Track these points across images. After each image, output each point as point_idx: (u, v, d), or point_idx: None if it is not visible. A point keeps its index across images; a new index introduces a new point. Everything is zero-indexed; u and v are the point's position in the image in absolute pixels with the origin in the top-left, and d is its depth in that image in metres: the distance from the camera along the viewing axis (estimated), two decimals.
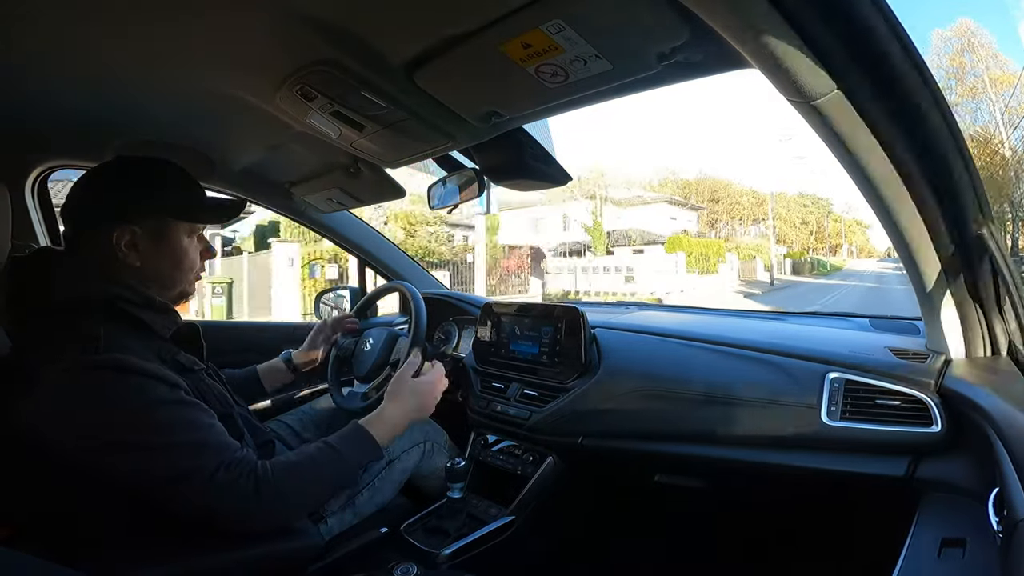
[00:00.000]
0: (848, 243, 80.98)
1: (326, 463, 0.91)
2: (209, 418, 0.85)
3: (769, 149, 59.26)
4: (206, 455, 0.79)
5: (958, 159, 0.72)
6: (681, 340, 1.34)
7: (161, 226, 0.93)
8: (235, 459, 0.81)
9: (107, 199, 0.91)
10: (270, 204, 1.84)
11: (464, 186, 1.44)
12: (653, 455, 1.28)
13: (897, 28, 0.58)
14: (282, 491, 0.82)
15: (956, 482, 0.90)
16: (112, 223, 0.88)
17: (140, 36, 0.85)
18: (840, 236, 78.17)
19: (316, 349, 1.53)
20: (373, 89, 0.92)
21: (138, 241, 0.90)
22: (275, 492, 0.81)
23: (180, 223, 0.96)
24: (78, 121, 1.21)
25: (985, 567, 0.68)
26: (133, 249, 0.90)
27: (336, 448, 0.93)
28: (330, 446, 0.93)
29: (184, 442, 0.78)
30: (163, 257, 0.93)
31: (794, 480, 1.16)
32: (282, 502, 0.83)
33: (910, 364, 1.03)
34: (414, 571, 1.08)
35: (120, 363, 0.77)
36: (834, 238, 77.29)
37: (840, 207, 78.41)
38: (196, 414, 0.83)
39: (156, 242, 0.92)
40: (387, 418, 1.05)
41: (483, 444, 1.55)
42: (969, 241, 0.82)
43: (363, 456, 0.98)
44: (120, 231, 0.88)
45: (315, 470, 0.89)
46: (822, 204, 76.15)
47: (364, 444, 0.98)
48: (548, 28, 0.71)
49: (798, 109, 0.68)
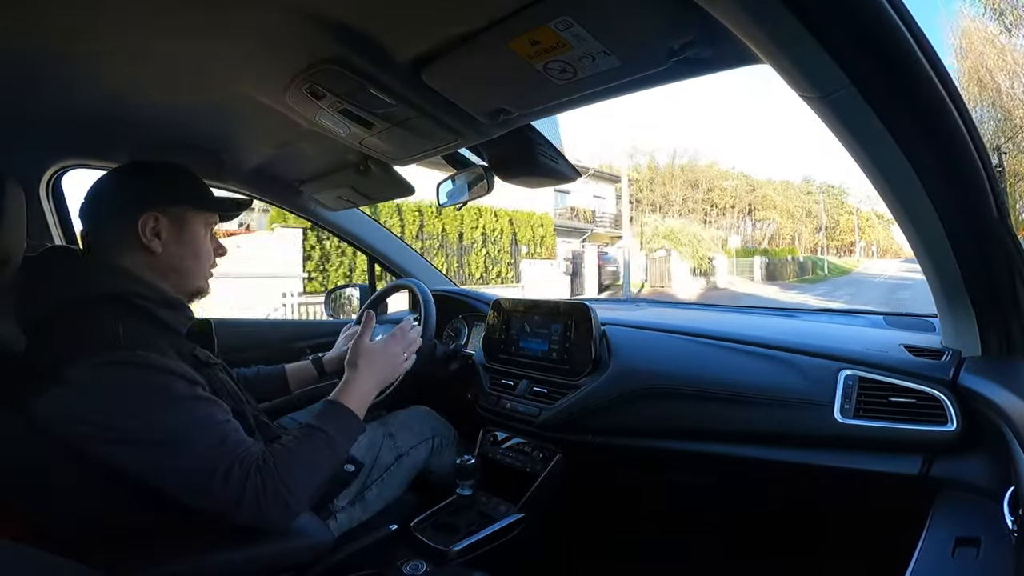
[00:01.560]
0: (864, 240, 69.88)
1: (320, 446, 0.91)
2: (224, 415, 0.86)
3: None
4: (223, 452, 0.80)
5: (973, 154, 0.71)
6: (692, 337, 1.33)
7: (183, 215, 0.96)
8: (246, 455, 0.82)
9: (132, 190, 0.94)
10: (280, 202, 1.85)
11: (473, 183, 1.44)
12: (663, 452, 1.27)
13: (910, 22, 0.57)
14: (285, 481, 0.82)
15: (971, 481, 0.89)
16: (138, 211, 0.91)
17: (152, 37, 0.86)
18: (856, 231, 67.17)
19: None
20: (381, 87, 0.92)
21: (161, 229, 0.92)
22: (279, 482, 0.82)
23: (199, 214, 0.98)
24: (91, 121, 1.22)
25: (1000, 566, 0.67)
26: (156, 237, 0.92)
27: (324, 430, 0.93)
28: (319, 429, 0.93)
29: (202, 439, 0.79)
30: (184, 246, 0.96)
31: (806, 478, 1.15)
32: (287, 490, 0.82)
33: (925, 362, 1.02)
34: (424, 568, 1.09)
35: (140, 359, 0.78)
36: (848, 234, 67.22)
37: (856, 198, 66.15)
38: (214, 410, 0.84)
39: (178, 230, 0.95)
40: (357, 388, 1.04)
41: (492, 441, 1.55)
42: (985, 237, 0.81)
43: (350, 433, 0.98)
44: (145, 217, 0.91)
45: (310, 456, 0.89)
46: (833, 193, 65.28)
47: (348, 420, 0.98)
48: (556, 25, 0.70)
49: (810, 105, 0.67)
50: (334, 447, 0.93)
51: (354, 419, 0.99)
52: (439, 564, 1.16)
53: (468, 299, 1.96)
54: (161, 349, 0.82)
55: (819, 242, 61.64)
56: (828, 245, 63.35)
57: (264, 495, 0.80)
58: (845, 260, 54.91)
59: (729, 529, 1.50)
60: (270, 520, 0.82)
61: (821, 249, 59.71)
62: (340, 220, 1.97)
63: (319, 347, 2.03)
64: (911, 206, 0.79)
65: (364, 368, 1.07)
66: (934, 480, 0.94)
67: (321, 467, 0.91)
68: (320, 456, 0.91)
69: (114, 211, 0.92)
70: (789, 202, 59.07)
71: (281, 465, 0.84)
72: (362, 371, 1.06)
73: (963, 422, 0.92)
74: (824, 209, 63.39)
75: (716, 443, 1.19)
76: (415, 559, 1.12)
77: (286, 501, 0.82)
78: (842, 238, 67.68)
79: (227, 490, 0.78)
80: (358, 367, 1.07)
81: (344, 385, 1.04)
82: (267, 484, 0.81)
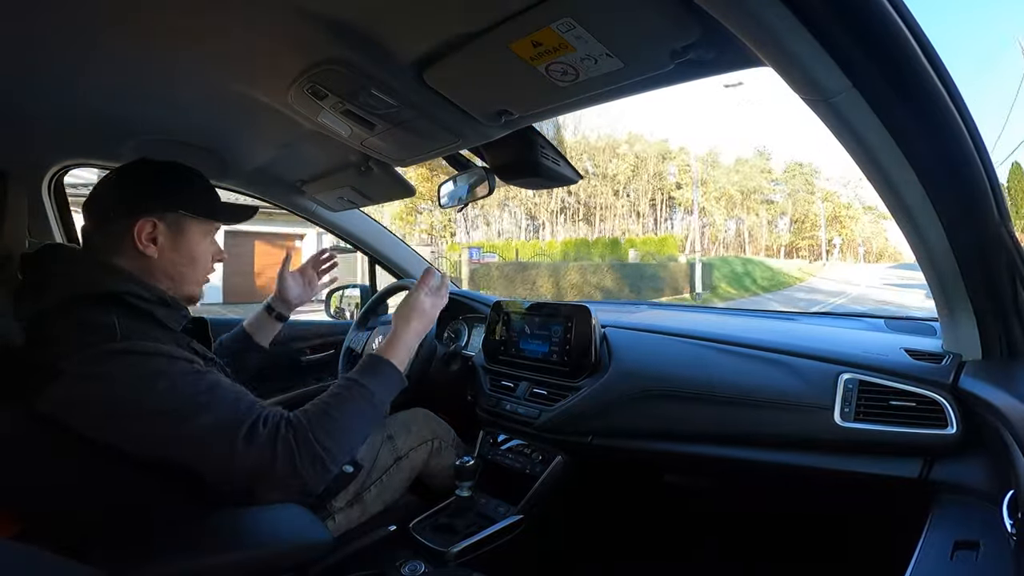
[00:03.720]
0: (842, 236, 52.67)
1: (356, 399, 0.89)
2: (232, 384, 0.85)
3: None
4: (241, 412, 0.79)
5: (976, 157, 0.71)
6: (692, 340, 1.33)
7: (181, 222, 0.96)
8: (270, 413, 0.81)
9: (132, 192, 0.94)
10: (281, 202, 1.85)
11: (474, 185, 1.44)
12: (663, 455, 1.27)
13: (913, 24, 0.57)
14: (319, 438, 0.81)
15: (970, 484, 0.89)
16: (135, 215, 0.91)
17: (154, 36, 0.86)
18: (838, 226, 51.49)
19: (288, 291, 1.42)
20: (383, 88, 0.93)
21: (158, 235, 0.92)
22: (313, 439, 0.80)
23: (198, 222, 0.98)
24: (93, 120, 1.23)
25: (999, 570, 0.67)
26: (152, 242, 0.92)
27: (363, 384, 0.91)
28: (357, 383, 0.91)
29: (216, 403, 0.79)
30: (179, 253, 0.96)
31: (805, 481, 1.15)
32: (322, 447, 0.81)
33: (925, 365, 1.02)
34: (422, 569, 1.09)
35: (141, 347, 0.79)
36: (821, 229, 50.64)
37: (834, 183, 51.82)
38: (220, 379, 0.84)
39: (174, 237, 0.95)
40: (404, 343, 1.03)
41: (492, 443, 1.55)
42: (986, 241, 0.81)
43: (391, 387, 0.96)
44: (142, 223, 0.91)
45: (347, 410, 0.88)
46: (803, 174, 50.02)
47: (390, 375, 0.97)
48: (558, 26, 0.70)
49: (812, 107, 0.67)
50: (373, 401, 0.91)
51: (396, 373, 0.98)
52: (438, 565, 1.16)
53: (468, 300, 1.96)
54: (159, 340, 0.82)
55: (778, 240, 50.14)
56: (798, 244, 51.66)
57: (298, 452, 0.79)
58: (802, 266, 37.97)
59: (728, 531, 1.50)
60: (307, 479, 0.80)
61: (787, 251, 49.44)
62: (341, 220, 1.96)
63: (318, 347, 2.03)
64: (912, 208, 0.79)
65: (416, 320, 1.07)
66: (933, 483, 0.94)
67: (360, 422, 0.89)
68: (358, 410, 0.89)
69: (112, 213, 0.92)
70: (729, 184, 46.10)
71: (315, 421, 0.83)
72: (413, 324, 1.06)
73: (963, 425, 0.92)
74: (789, 194, 50.43)
75: (715, 446, 1.19)
76: (414, 560, 1.12)
77: (322, 458, 0.81)
78: (810, 233, 52.41)
79: (253, 449, 0.77)
80: (410, 320, 1.06)
81: (392, 339, 1.03)
82: (300, 441, 0.79)
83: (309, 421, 0.82)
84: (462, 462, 1.29)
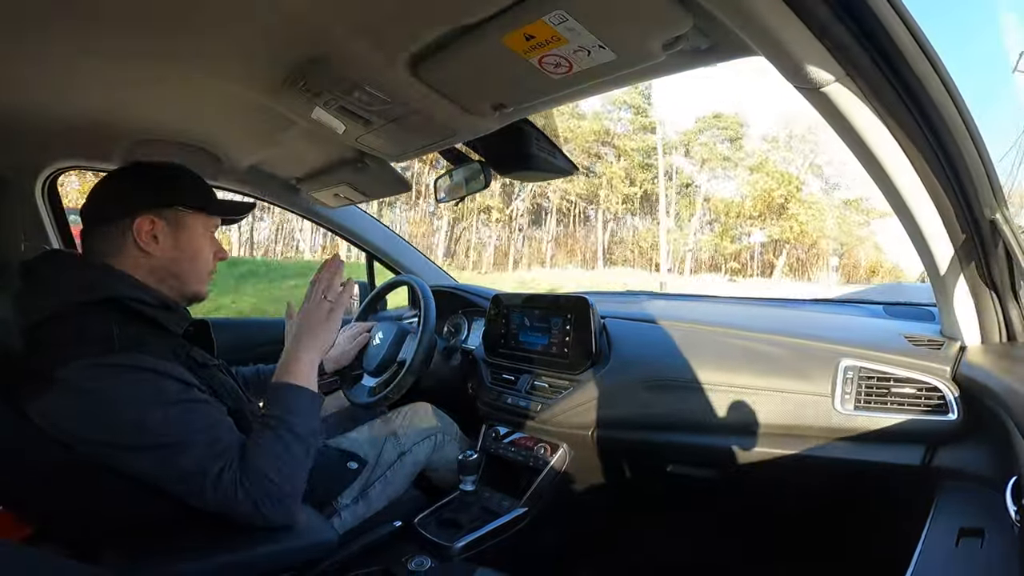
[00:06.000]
0: (798, 240, 28.50)
1: (281, 433, 0.87)
2: (220, 414, 0.86)
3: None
4: (215, 455, 0.80)
5: (971, 144, 0.71)
6: (692, 329, 1.33)
7: (180, 218, 0.95)
8: (234, 458, 0.81)
9: (128, 192, 0.94)
10: (277, 200, 1.84)
11: (470, 179, 1.43)
12: (665, 445, 1.28)
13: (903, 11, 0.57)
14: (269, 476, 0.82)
15: (973, 471, 0.89)
16: (133, 214, 0.90)
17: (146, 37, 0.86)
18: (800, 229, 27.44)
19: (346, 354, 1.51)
20: (377, 84, 0.92)
21: (158, 232, 0.92)
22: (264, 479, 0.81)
23: (198, 217, 0.98)
24: (86, 122, 1.22)
25: (1003, 556, 0.67)
26: (153, 240, 0.92)
27: (275, 415, 0.89)
28: (270, 417, 0.89)
29: (196, 444, 0.79)
30: (181, 249, 0.95)
31: (808, 470, 1.15)
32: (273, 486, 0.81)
33: (925, 351, 1.02)
34: (428, 564, 1.10)
35: (134, 362, 0.78)
36: (792, 233, 27.69)
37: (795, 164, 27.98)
38: (209, 411, 0.84)
39: (175, 233, 0.95)
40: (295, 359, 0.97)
41: (494, 436, 1.55)
42: (983, 227, 0.81)
43: (303, 407, 0.92)
44: (142, 220, 0.90)
45: (276, 445, 0.85)
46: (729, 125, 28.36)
47: (295, 397, 0.93)
48: (551, 19, 0.70)
49: (806, 96, 0.67)
50: (293, 429, 0.88)
51: (302, 392, 0.94)
52: (443, 560, 1.17)
53: (468, 294, 1.96)
54: (157, 351, 0.82)
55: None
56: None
57: (254, 493, 0.80)
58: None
59: (730, 521, 1.51)
60: (269, 517, 0.81)
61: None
62: (338, 217, 1.96)
63: None
64: (908, 196, 0.79)
65: (302, 335, 1.00)
66: (936, 470, 0.94)
67: (291, 453, 0.86)
68: (284, 442, 0.86)
69: (111, 214, 0.92)
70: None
71: (259, 460, 0.82)
72: (299, 339, 1.00)
73: (964, 412, 0.92)
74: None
75: (717, 435, 1.19)
76: (419, 555, 1.12)
77: (277, 496, 0.82)
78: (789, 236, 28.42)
79: (219, 492, 0.78)
80: (300, 338, 1.00)
81: (281, 362, 0.99)
82: (253, 482, 0.80)
83: (256, 460, 0.82)
84: (465, 456, 1.30)
